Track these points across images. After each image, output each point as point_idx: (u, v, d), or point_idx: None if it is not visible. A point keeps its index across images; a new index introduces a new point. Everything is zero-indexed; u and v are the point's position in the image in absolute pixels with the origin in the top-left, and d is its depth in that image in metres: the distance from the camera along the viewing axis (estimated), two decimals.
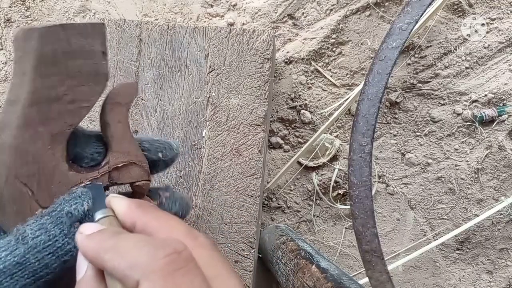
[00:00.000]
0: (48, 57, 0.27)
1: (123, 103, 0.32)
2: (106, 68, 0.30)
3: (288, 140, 0.83)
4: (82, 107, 0.29)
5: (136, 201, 0.29)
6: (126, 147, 0.32)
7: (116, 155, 0.31)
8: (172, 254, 0.22)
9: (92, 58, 0.29)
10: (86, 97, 0.29)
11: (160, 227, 0.26)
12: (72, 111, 0.29)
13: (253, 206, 0.61)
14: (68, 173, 0.29)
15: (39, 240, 0.26)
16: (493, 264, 0.83)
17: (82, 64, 0.28)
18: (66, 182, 0.29)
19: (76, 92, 0.28)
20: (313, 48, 0.79)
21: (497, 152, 0.79)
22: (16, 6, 0.84)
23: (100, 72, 0.30)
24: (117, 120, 0.31)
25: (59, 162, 0.29)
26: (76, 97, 0.29)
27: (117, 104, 0.32)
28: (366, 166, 0.54)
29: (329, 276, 0.55)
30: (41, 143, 0.28)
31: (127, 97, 0.32)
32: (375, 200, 0.83)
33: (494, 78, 0.78)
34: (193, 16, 0.82)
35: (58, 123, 0.28)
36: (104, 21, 0.63)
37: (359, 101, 0.56)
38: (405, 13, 0.57)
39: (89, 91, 0.29)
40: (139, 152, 0.33)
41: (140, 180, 0.32)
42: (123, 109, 0.32)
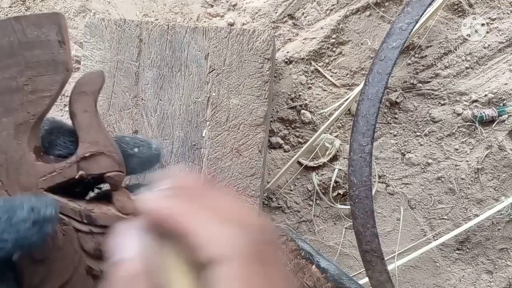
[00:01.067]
0: (5, 49, 0.28)
1: (89, 92, 0.32)
2: (65, 57, 0.30)
3: (288, 140, 0.83)
4: (43, 96, 0.30)
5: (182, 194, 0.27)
6: (93, 137, 0.31)
7: (84, 145, 0.31)
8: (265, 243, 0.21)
9: (49, 47, 0.29)
10: (47, 87, 0.30)
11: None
12: (34, 101, 0.29)
13: (253, 206, 0.61)
14: (35, 163, 0.30)
15: None
16: (493, 264, 0.83)
17: (40, 54, 0.29)
18: (34, 172, 0.30)
19: (36, 82, 0.29)
20: (313, 48, 0.79)
21: (497, 152, 0.79)
22: (16, 6, 0.84)
23: (59, 61, 0.30)
24: (83, 110, 0.31)
25: (25, 152, 0.29)
26: (36, 87, 0.29)
27: (83, 94, 0.31)
28: (366, 166, 0.54)
29: (329, 276, 0.55)
30: (5, 133, 0.29)
31: (93, 86, 0.32)
32: (375, 200, 0.83)
33: (494, 78, 0.78)
34: (193, 16, 0.82)
35: (21, 114, 0.29)
36: (104, 21, 0.63)
37: (359, 101, 0.56)
38: (405, 13, 0.57)
39: (49, 80, 0.30)
40: (108, 142, 0.32)
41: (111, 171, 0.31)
42: (89, 98, 0.32)
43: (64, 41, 0.30)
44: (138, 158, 0.33)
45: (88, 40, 0.63)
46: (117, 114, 0.62)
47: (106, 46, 0.63)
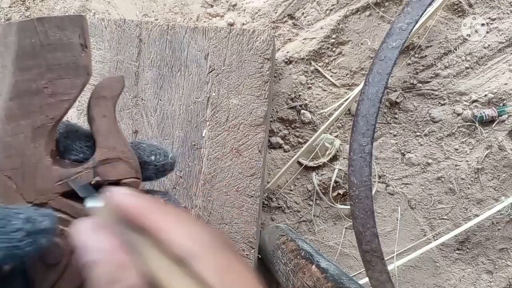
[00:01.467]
0: (26, 50, 0.27)
1: (109, 96, 0.31)
2: (86, 60, 0.30)
3: (288, 140, 0.83)
4: (62, 100, 0.29)
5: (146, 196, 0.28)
6: (112, 142, 0.31)
7: (101, 151, 0.31)
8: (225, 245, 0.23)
9: (71, 50, 0.29)
10: (67, 90, 0.29)
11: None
12: (53, 104, 0.29)
13: (253, 206, 0.61)
14: (51, 167, 0.29)
15: None
16: (493, 264, 0.83)
17: (61, 57, 0.28)
18: (50, 176, 0.29)
19: (56, 85, 0.29)
20: (313, 48, 0.79)
21: (497, 152, 0.79)
22: (16, 6, 0.84)
23: (80, 65, 0.29)
24: (102, 115, 0.31)
25: (42, 156, 0.29)
26: (56, 90, 0.29)
27: (103, 98, 0.31)
28: (366, 166, 0.54)
29: (329, 276, 0.55)
30: (23, 136, 0.28)
31: (113, 91, 0.32)
32: (375, 200, 0.83)
33: (494, 78, 0.78)
34: (193, 16, 0.82)
35: (39, 117, 0.29)
36: (104, 21, 0.63)
37: (359, 101, 0.56)
38: (405, 13, 0.57)
39: (70, 84, 0.29)
40: (126, 148, 0.32)
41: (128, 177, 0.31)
42: (109, 103, 0.31)
43: (86, 44, 0.30)
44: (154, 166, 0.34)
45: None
46: (117, 114, 0.62)
47: (106, 46, 0.63)
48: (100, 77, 0.63)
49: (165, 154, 0.34)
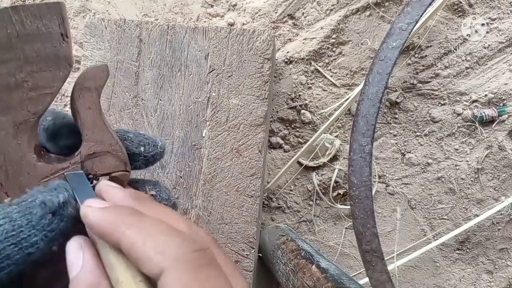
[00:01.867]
0: (2, 42, 0.25)
1: (93, 88, 0.30)
2: (67, 51, 0.28)
3: (288, 140, 0.83)
4: (44, 94, 0.27)
5: (130, 191, 0.28)
6: (98, 136, 0.30)
7: (88, 144, 0.30)
8: (199, 250, 0.22)
9: (51, 41, 0.27)
10: (48, 83, 0.27)
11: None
12: (34, 99, 0.27)
13: (253, 206, 0.61)
14: (36, 164, 0.28)
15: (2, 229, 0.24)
16: (493, 264, 0.83)
17: (40, 47, 0.27)
18: (35, 173, 0.28)
19: (36, 78, 0.27)
20: (313, 48, 0.79)
21: (497, 152, 0.79)
22: None
23: (61, 56, 0.27)
24: (87, 107, 0.29)
25: (25, 153, 0.28)
26: (37, 84, 0.27)
27: (86, 90, 0.29)
28: (366, 166, 0.54)
29: (329, 276, 0.55)
30: (4, 133, 0.27)
31: (97, 81, 0.30)
32: (375, 200, 0.83)
33: (494, 78, 0.78)
34: (193, 16, 0.82)
35: (20, 112, 0.27)
36: (104, 21, 0.63)
37: (359, 101, 0.56)
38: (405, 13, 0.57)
39: (51, 76, 0.27)
40: (113, 140, 0.30)
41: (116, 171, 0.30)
42: (93, 94, 0.30)
43: (67, 34, 0.28)
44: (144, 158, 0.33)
45: (88, 40, 0.63)
46: (117, 114, 0.62)
47: (106, 46, 0.63)
48: None
49: (154, 144, 0.33)
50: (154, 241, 0.22)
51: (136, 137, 0.33)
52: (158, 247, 0.21)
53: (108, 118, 0.62)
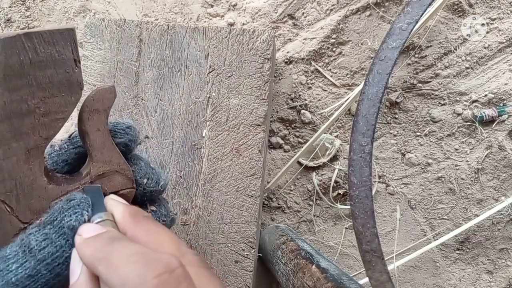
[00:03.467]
0: (14, 69, 0.25)
1: (101, 109, 0.30)
2: (79, 76, 0.28)
3: (288, 140, 0.83)
4: (57, 119, 0.28)
5: (130, 209, 0.29)
6: (107, 156, 0.31)
7: (97, 165, 0.30)
8: (163, 274, 0.22)
9: (63, 67, 0.27)
10: (60, 109, 0.28)
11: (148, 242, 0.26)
12: (46, 124, 0.27)
13: (253, 206, 0.61)
14: (47, 186, 0.29)
15: (47, 252, 0.25)
16: (493, 264, 0.83)
17: (53, 74, 0.27)
18: (45, 196, 0.29)
19: (49, 104, 0.27)
20: (313, 48, 0.79)
21: (497, 152, 0.79)
22: (16, 6, 0.84)
23: (73, 81, 0.28)
24: (96, 129, 0.30)
25: (36, 177, 0.28)
26: (49, 109, 0.27)
27: (95, 112, 0.30)
28: (366, 166, 0.54)
29: (329, 276, 0.55)
30: (15, 159, 0.27)
31: (105, 103, 0.30)
32: (375, 200, 0.83)
33: (494, 78, 0.78)
34: (193, 16, 0.82)
35: (32, 138, 0.27)
36: (104, 21, 0.63)
37: (359, 101, 0.56)
38: (405, 13, 0.57)
39: (63, 102, 0.28)
40: (121, 160, 0.31)
41: (124, 188, 0.32)
42: (102, 116, 0.30)
43: (79, 59, 0.28)
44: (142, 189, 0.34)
45: (88, 40, 0.63)
46: (117, 114, 0.62)
47: (106, 46, 0.63)
48: (100, 77, 0.63)
49: (157, 181, 0.34)
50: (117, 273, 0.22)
51: (145, 168, 0.34)
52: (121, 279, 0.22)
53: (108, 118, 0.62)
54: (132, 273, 0.22)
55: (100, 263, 0.23)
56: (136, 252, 0.23)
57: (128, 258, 0.23)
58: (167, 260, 0.23)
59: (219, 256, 0.60)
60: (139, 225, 0.27)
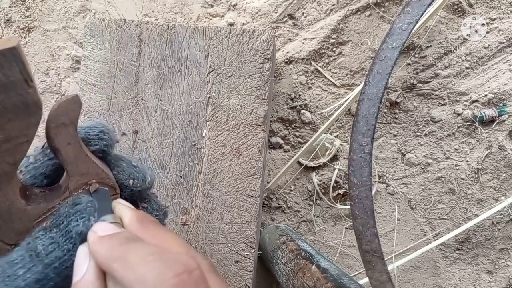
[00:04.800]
0: None
1: (68, 122, 0.28)
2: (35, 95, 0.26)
3: (288, 140, 0.83)
4: (20, 143, 0.26)
5: (137, 214, 0.29)
6: (83, 168, 0.30)
7: (74, 179, 0.29)
8: (183, 273, 0.22)
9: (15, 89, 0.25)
10: (22, 132, 0.26)
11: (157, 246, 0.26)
12: (10, 150, 0.26)
13: (253, 206, 0.61)
14: (26, 208, 0.28)
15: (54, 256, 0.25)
16: (493, 264, 0.83)
17: (4, 98, 0.24)
18: (27, 218, 0.28)
19: (8, 129, 0.25)
20: (313, 48, 0.79)
21: (497, 152, 0.79)
22: (16, 6, 0.84)
23: (29, 102, 0.25)
24: (66, 143, 0.29)
25: (13, 201, 0.27)
26: (10, 135, 0.25)
27: (62, 126, 0.28)
28: (366, 166, 0.54)
29: (329, 276, 0.55)
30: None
31: (71, 115, 0.29)
32: (375, 200, 0.83)
33: (494, 78, 0.78)
34: (193, 16, 0.82)
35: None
36: (104, 21, 0.63)
37: (359, 101, 0.56)
38: (405, 13, 0.57)
39: (24, 125, 0.26)
40: (98, 169, 0.30)
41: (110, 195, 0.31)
42: (69, 129, 0.29)
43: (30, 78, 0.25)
44: (130, 190, 0.33)
45: (88, 40, 0.63)
46: (117, 114, 0.62)
47: (106, 46, 0.63)
48: (100, 77, 0.63)
49: (143, 179, 0.33)
50: (134, 271, 0.22)
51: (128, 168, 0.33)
52: (138, 277, 0.22)
53: (108, 118, 0.62)
54: (151, 272, 0.22)
55: (116, 261, 0.23)
56: (154, 252, 0.23)
57: (146, 257, 0.23)
58: (186, 260, 0.23)
59: (219, 256, 0.60)
60: (147, 230, 0.27)
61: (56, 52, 0.85)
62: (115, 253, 0.24)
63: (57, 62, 0.85)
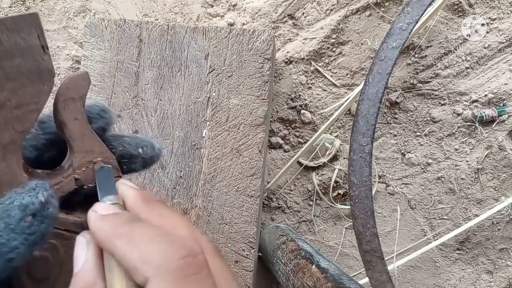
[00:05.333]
0: None
1: (77, 97, 0.28)
2: (49, 63, 0.26)
3: (288, 140, 0.83)
4: (30, 110, 0.26)
5: (142, 193, 0.28)
6: (88, 145, 0.29)
7: (79, 156, 0.29)
8: (188, 256, 0.22)
9: (31, 55, 0.25)
10: (33, 99, 0.26)
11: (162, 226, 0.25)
12: (20, 117, 0.25)
13: (253, 206, 0.61)
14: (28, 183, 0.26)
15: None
16: (493, 264, 0.83)
17: (21, 63, 0.25)
18: None
19: (20, 95, 0.25)
20: (313, 48, 0.79)
21: (497, 152, 0.79)
22: (16, 6, 0.84)
23: (44, 69, 0.26)
24: (73, 118, 0.28)
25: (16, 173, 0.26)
26: (21, 101, 0.25)
27: (71, 100, 0.28)
28: (366, 166, 0.54)
29: (329, 276, 0.55)
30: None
31: (80, 90, 0.29)
32: (375, 200, 0.83)
33: (494, 78, 0.78)
34: (193, 16, 0.82)
35: (6, 133, 0.25)
36: (104, 21, 0.63)
37: (359, 101, 0.56)
38: (405, 13, 0.57)
39: (35, 92, 0.26)
40: (103, 148, 0.30)
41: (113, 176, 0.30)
42: (78, 104, 0.29)
43: (46, 45, 0.26)
44: (141, 160, 0.33)
45: (88, 40, 0.63)
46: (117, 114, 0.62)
47: (106, 46, 0.63)
48: (100, 77, 0.63)
49: (152, 146, 0.33)
50: (140, 250, 0.22)
51: (133, 140, 0.33)
52: (143, 256, 0.21)
53: None
54: (156, 251, 0.21)
55: (120, 238, 0.22)
56: (160, 233, 0.23)
57: (152, 237, 0.22)
58: (192, 244, 0.23)
59: None
60: (152, 210, 0.26)
61: (56, 52, 0.85)
62: (120, 230, 0.23)
63: (57, 62, 0.85)
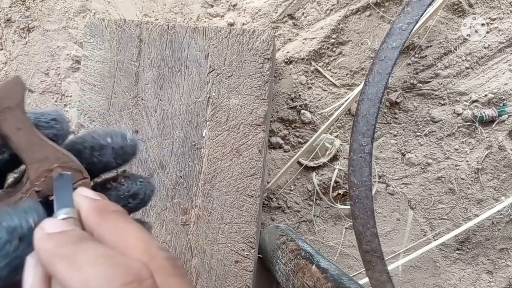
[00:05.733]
0: None
1: (13, 105, 0.26)
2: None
3: (288, 140, 0.83)
4: None
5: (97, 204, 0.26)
6: (40, 153, 0.27)
7: (34, 166, 0.27)
8: (132, 282, 0.20)
9: None
10: None
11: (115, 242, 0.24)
12: None
13: (253, 206, 0.61)
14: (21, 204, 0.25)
15: None
16: (493, 264, 0.83)
17: None
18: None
19: None
20: (313, 48, 0.79)
21: (497, 152, 0.79)
22: (16, 6, 0.84)
23: None
24: (15, 128, 0.26)
25: None
26: None
27: (7, 110, 0.26)
28: (366, 166, 0.54)
29: (329, 276, 0.55)
30: None
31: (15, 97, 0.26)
32: (375, 200, 0.83)
33: (494, 78, 0.78)
34: (193, 16, 0.82)
35: None
36: (104, 21, 0.63)
37: (359, 101, 0.56)
38: (405, 13, 0.57)
39: None
40: (58, 153, 0.28)
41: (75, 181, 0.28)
42: (17, 112, 0.26)
43: None
44: (112, 149, 0.30)
45: (88, 40, 0.63)
46: (117, 114, 0.62)
47: (106, 46, 0.63)
48: (100, 77, 0.63)
49: (122, 136, 0.31)
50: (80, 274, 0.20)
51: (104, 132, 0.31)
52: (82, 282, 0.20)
53: (108, 118, 0.62)
54: (97, 276, 0.20)
55: (62, 261, 0.21)
56: (105, 254, 0.21)
57: (95, 259, 0.21)
58: (138, 268, 0.21)
59: (219, 256, 0.60)
60: (105, 223, 0.25)
61: (56, 52, 0.85)
62: (62, 252, 0.21)
63: (57, 62, 0.85)
